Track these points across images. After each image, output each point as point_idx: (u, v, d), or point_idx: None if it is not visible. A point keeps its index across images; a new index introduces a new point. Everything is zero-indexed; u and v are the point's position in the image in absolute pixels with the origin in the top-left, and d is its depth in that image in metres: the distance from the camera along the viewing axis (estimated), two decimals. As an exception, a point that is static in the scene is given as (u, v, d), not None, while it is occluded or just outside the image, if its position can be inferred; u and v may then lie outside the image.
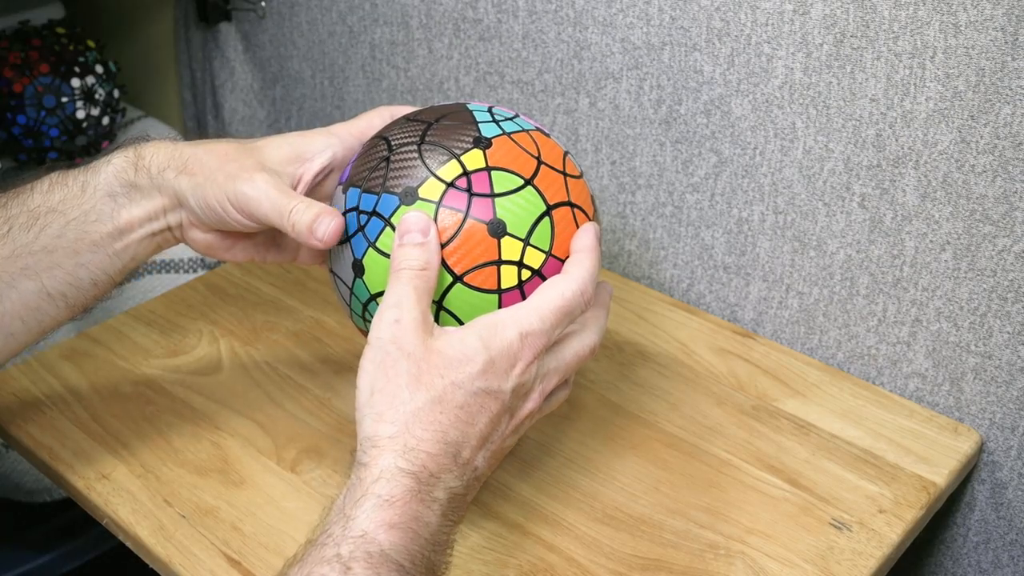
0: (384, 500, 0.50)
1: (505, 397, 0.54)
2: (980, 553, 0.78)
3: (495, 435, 0.55)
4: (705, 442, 0.71)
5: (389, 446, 0.51)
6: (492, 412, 0.54)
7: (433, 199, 0.57)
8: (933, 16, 0.64)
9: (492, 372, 0.53)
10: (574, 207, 0.59)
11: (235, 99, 1.16)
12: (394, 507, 0.49)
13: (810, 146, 0.74)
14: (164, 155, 0.61)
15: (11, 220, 0.59)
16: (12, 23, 1.06)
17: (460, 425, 0.53)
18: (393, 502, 0.50)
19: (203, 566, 0.61)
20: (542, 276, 0.58)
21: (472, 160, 0.57)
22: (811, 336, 0.81)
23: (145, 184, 0.61)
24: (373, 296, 0.59)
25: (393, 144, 0.59)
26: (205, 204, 0.60)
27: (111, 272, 0.62)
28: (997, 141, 0.65)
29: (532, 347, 0.54)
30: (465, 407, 0.53)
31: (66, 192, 0.60)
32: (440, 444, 0.52)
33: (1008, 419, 0.72)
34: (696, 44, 0.76)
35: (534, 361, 0.55)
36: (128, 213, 0.61)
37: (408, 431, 0.51)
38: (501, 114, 0.61)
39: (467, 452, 0.53)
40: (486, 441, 0.54)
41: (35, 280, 0.60)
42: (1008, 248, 0.67)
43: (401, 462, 0.51)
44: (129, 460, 0.68)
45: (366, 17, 0.99)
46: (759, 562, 0.62)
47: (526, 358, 0.54)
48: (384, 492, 0.50)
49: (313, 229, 0.58)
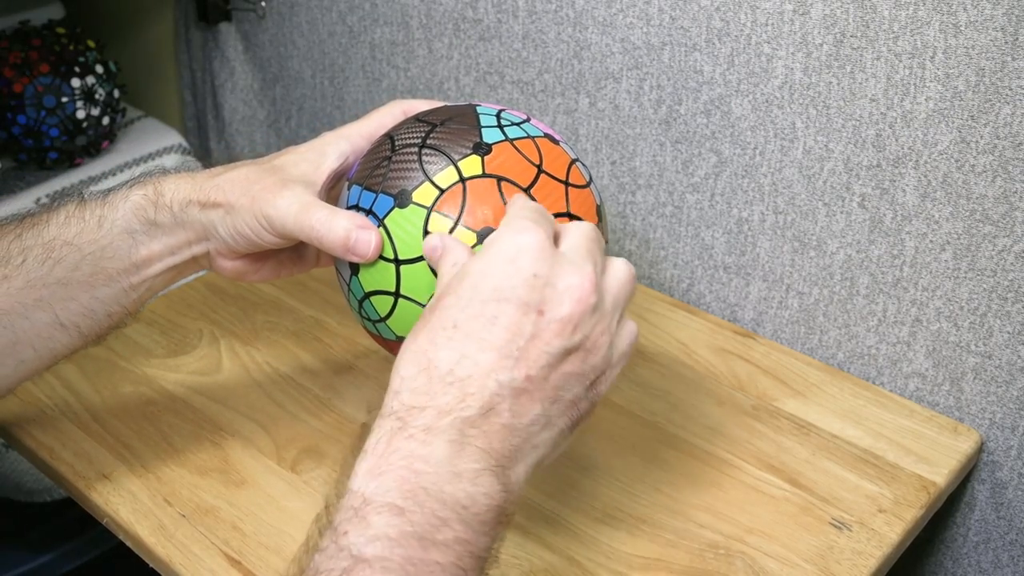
0: (367, 451, 0.46)
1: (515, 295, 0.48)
2: (980, 553, 0.78)
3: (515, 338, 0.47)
4: (705, 442, 0.71)
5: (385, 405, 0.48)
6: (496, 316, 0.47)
7: (426, 204, 0.57)
8: (933, 16, 0.64)
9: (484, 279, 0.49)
10: (573, 219, 0.58)
11: (235, 99, 1.16)
12: (376, 452, 0.46)
13: (810, 146, 0.74)
14: (185, 190, 0.60)
15: (25, 251, 0.59)
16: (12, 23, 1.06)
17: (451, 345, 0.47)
18: (375, 447, 0.46)
19: (203, 566, 0.61)
20: None
21: (469, 167, 0.57)
22: (811, 336, 0.81)
23: (166, 221, 0.60)
24: (368, 294, 0.59)
25: (396, 144, 0.59)
26: (236, 233, 0.60)
27: (126, 304, 0.62)
28: (997, 141, 0.65)
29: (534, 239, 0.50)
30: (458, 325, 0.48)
31: (82, 226, 0.60)
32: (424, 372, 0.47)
33: (1008, 419, 0.72)
34: (696, 44, 0.76)
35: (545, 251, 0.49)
36: (147, 249, 0.61)
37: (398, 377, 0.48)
38: (509, 119, 0.61)
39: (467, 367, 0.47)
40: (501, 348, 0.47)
41: (48, 311, 0.59)
42: (1008, 248, 0.67)
43: (385, 411, 0.47)
44: (129, 460, 0.68)
45: (366, 17, 0.99)
46: (759, 562, 0.62)
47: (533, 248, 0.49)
48: (368, 443, 0.47)
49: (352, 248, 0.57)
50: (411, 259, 0.57)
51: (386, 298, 0.58)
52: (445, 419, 0.46)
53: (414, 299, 0.57)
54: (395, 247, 0.57)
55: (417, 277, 0.57)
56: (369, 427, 0.48)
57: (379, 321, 0.60)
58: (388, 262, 0.58)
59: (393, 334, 0.60)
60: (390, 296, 0.58)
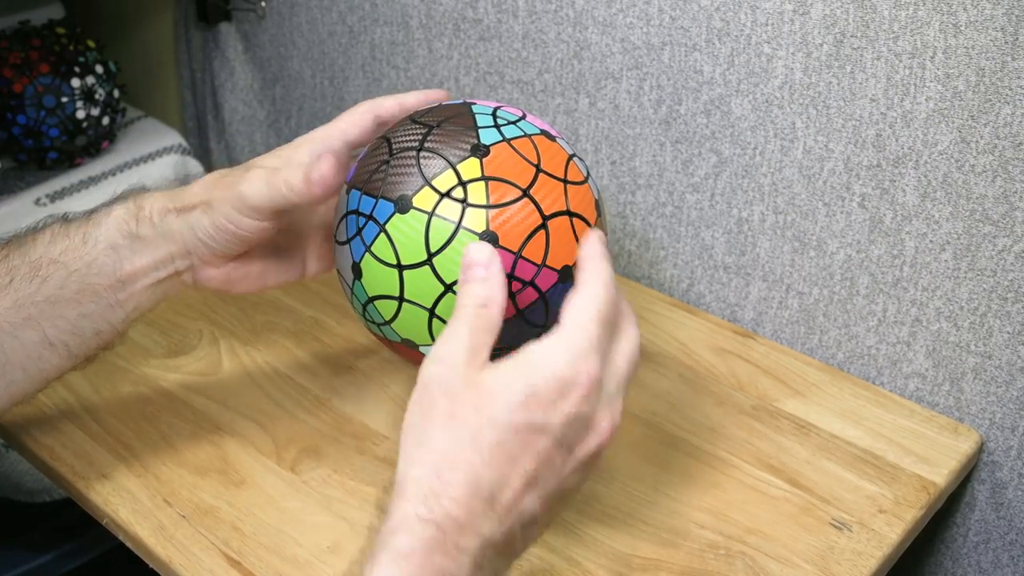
0: (400, 554, 0.45)
1: (555, 431, 0.48)
2: (980, 553, 0.78)
3: (548, 475, 0.48)
4: (705, 442, 0.71)
5: (413, 491, 0.47)
6: (539, 449, 0.48)
7: (426, 209, 0.56)
8: (933, 16, 0.64)
9: (536, 404, 0.48)
10: (572, 216, 0.58)
11: (235, 99, 1.16)
12: (411, 561, 0.45)
13: (810, 146, 0.74)
14: (163, 201, 0.62)
15: (13, 271, 0.60)
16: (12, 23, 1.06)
17: (497, 465, 0.47)
18: (410, 555, 0.45)
19: (203, 566, 0.61)
20: (536, 287, 0.58)
21: (468, 169, 0.57)
22: (811, 336, 0.81)
23: (148, 234, 0.61)
24: (372, 298, 0.59)
25: (394, 147, 0.59)
26: (216, 228, 0.60)
27: (114, 322, 0.62)
28: (997, 141, 0.65)
29: (587, 370, 0.49)
30: (503, 444, 0.47)
31: (68, 243, 0.61)
32: (471, 487, 0.47)
33: (1008, 419, 0.72)
34: (696, 44, 0.76)
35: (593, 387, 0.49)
36: (131, 264, 0.61)
37: (436, 474, 0.47)
38: (505, 117, 0.60)
39: (508, 495, 0.47)
40: (535, 481, 0.48)
41: (37, 330, 0.60)
42: (1008, 248, 0.67)
43: (422, 509, 0.46)
44: (129, 460, 0.68)
45: (366, 17, 0.99)
46: (759, 562, 0.62)
47: (583, 383, 0.48)
48: (402, 545, 0.45)
49: (309, 179, 0.58)
50: (414, 264, 0.57)
51: (390, 302, 0.58)
52: (476, 541, 0.47)
53: (418, 303, 0.57)
54: (397, 252, 0.57)
55: (420, 281, 0.57)
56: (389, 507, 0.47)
57: (384, 324, 0.60)
58: (391, 267, 0.58)
59: (398, 336, 0.60)
60: (394, 300, 0.58)
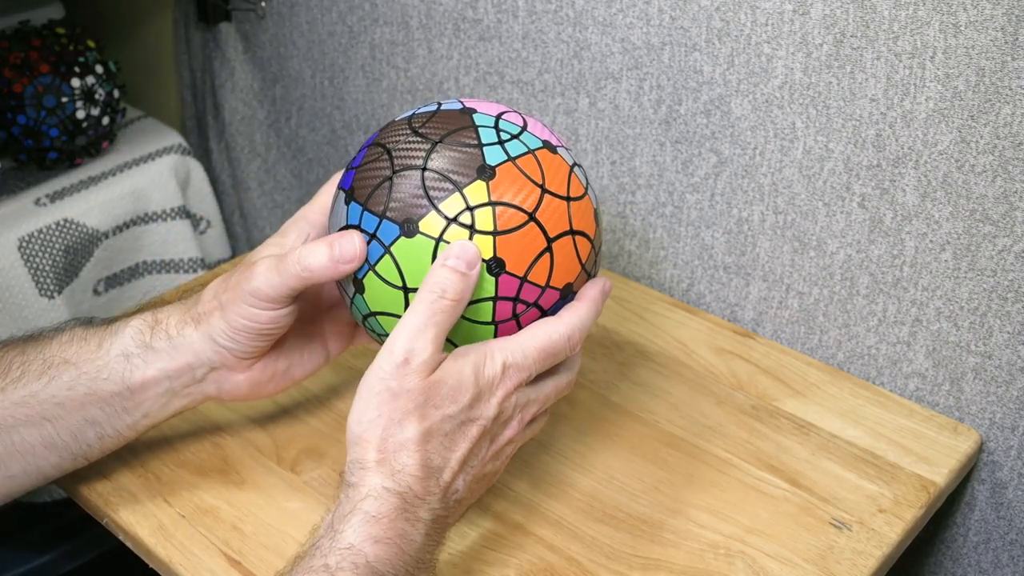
0: (371, 516, 0.52)
1: (486, 423, 0.56)
2: (980, 553, 0.78)
3: (474, 460, 0.57)
4: (705, 442, 0.71)
5: (376, 469, 0.53)
6: (472, 438, 0.56)
7: (433, 235, 0.56)
8: (933, 16, 0.64)
9: (478, 401, 0.56)
10: (575, 235, 0.59)
11: (235, 99, 1.16)
12: (380, 523, 0.52)
13: (810, 146, 0.74)
14: (178, 314, 0.62)
15: (25, 366, 0.60)
16: (12, 23, 1.06)
17: (442, 451, 0.55)
18: (380, 518, 0.52)
19: (203, 566, 0.61)
20: (540, 308, 0.58)
21: (475, 194, 0.56)
22: (811, 336, 0.81)
23: (163, 346, 0.61)
24: (373, 312, 0.59)
25: (396, 163, 0.58)
26: (234, 330, 0.61)
27: (120, 428, 0.62)
28: (997, 141, 0.65)
29: (514, 379, 0.57)
30: (450, 434, 0.55)
31: (82, 346, 0.61)
32: (424, 468, 0.54)
33: (1008, 419, 0.72)
34: (696, 44, 0.76)
35: (514, 391, 0.57)
36: (142, 374, 0.61)
37: (395, 458, 0.53)
38: (508, 131, 0.59)
39: (447, 476, 0.55)
40: (465, 465, 0.56)
41: (39, 428, 0.60)
42: (1008, 248, 0.67)
43: (388, 482, 0.53)
44: (129, 460, 0.68)
45: (366, 17, 0.99)
46: (759, 562, 0.62)
47: (507, 387, 0.57)
48: (372, 509, 0.52)
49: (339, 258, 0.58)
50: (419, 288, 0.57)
51: (393, 319, 0.58)
52: (428, 514, 0.54)
53: None
54: (403, 275, 0.57)
55: None
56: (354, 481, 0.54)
57: (384, 335, 0.60)
58: (396, 288, 0.57)
59: None
60: (397, 318, 0.58)
